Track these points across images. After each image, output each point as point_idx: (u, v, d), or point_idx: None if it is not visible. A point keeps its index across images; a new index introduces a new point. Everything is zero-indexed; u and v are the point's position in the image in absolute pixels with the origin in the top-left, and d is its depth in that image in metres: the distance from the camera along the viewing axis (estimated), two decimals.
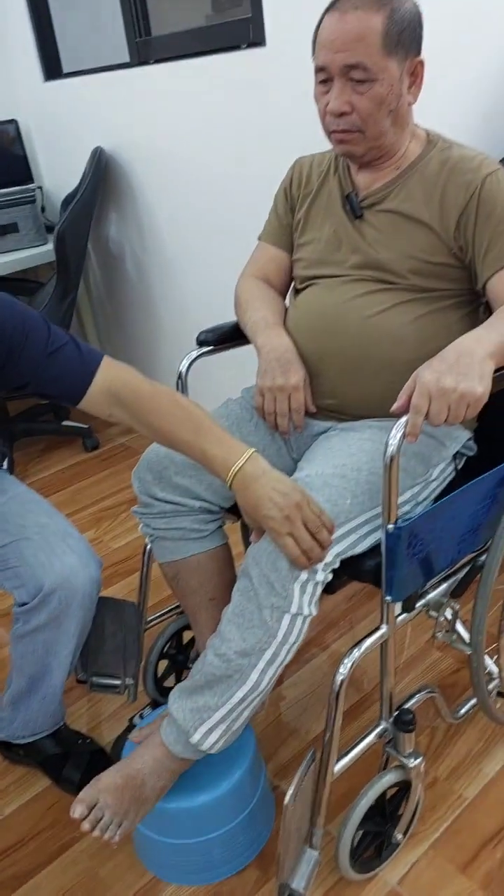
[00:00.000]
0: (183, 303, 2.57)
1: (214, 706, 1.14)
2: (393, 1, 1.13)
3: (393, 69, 1.14)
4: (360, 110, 1.16)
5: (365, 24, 1.11)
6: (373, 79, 1.13)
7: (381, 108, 1.16)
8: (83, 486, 2.58)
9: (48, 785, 1.48)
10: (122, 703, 1.66)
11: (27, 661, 1.34)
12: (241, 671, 1.12)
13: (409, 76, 1.18)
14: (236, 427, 1.35)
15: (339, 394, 1.30)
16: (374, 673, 1.65)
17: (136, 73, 2.30)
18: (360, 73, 1.13)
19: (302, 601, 1.10)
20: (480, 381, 0.99)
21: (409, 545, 1.08)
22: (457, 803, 1.36)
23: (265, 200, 1.52)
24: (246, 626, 1.10)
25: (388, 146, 1.23)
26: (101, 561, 1.34)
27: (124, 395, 1.16)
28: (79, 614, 1.31)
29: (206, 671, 1.14)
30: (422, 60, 1.18)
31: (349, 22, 1.12)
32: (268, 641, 1.10)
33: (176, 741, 1.16)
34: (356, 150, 1.22)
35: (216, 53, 2.01)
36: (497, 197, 1.19)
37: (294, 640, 1.12)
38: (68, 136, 2.72)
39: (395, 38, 1.12)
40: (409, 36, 1.14)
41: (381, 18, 1.11)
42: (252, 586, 1.10)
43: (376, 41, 1.11)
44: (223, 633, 1.13)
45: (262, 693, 1.14)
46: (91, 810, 1.13)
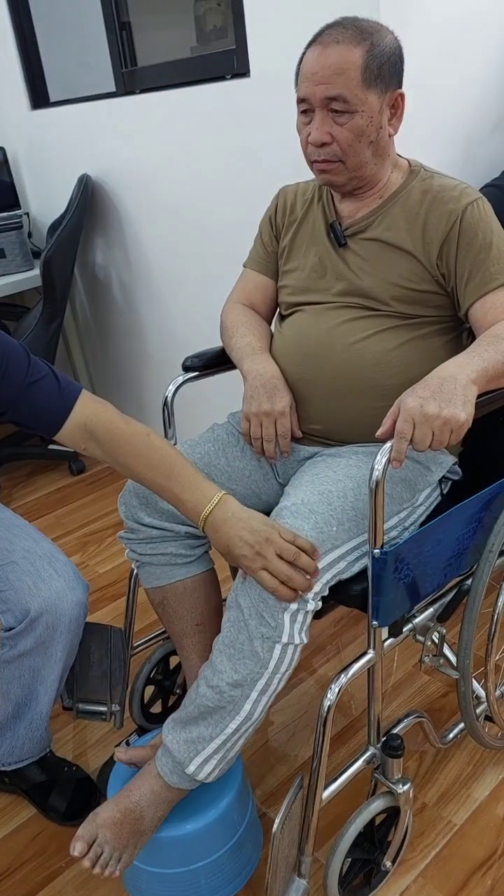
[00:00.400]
0: (169, 328, 2.58)
1: (209, 737, 1.14)
2: (373, 35, 1.16)
3: (373, 101, 1.16)
4: (340, 141, 1.19)
5: (345, 57, 1.14)
6: (352, 110, 1.16)
7: (360, 139, 1.19)
8: (69, 511, 2.57)
9: (33, 814, 1.46)
10: (108, 730, 1.64)
11: (13, 686, 1.33)
12: (234, 702, 1.11)
13: (390, 108, 1.20)
14: (222, 452, 1.36)
15: (325, 419, 1.31)
16: (361, 698, 1.65)
17: (122, 102, 2.33)
18: (340, 104, 1.16)
19: (292, 630, 1.10)
20: (464, 407, 1.00)
21: (395, 570, 1.08)
22: (446, 829, 1.36)
23: (250, 227, 1.54)
24: (237, 657, 1.10)
25: (369, 176, 1.25)
26: (87, 585, 1.33)
27: (99, 431, 1.16)
28: (66, 639, 1.30)
29: (199, 703, 1.13)
30: (402, 93, 1.21)
31: (330, 55, 1.15)
32: (260, 672, 1.10)
33: (172, 772, 1.16)
34: (337, 179, 1.25)
35: (201, 84, 2.04)
36: (478, 225, 1.21)
37: (286, 668, 1.12)
38: (55, 164, 2.75)
39: (374, 72, 1.15)
40: (389, 70, 1.17)
41: (361, 52, 1.14)
42: (242, 617, 1.10)
43: (356, 74, 1.14)
44: (215, 665, 1.12)
45: (255, 722, 1.14)
46: (91, 847, 1.12)
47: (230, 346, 1.43)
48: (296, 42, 1.24)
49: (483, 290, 1.21)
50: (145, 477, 1.15)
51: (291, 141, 1.30)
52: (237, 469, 1.35)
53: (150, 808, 1.16)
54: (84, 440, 1.18)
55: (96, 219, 2.67)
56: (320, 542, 1.11)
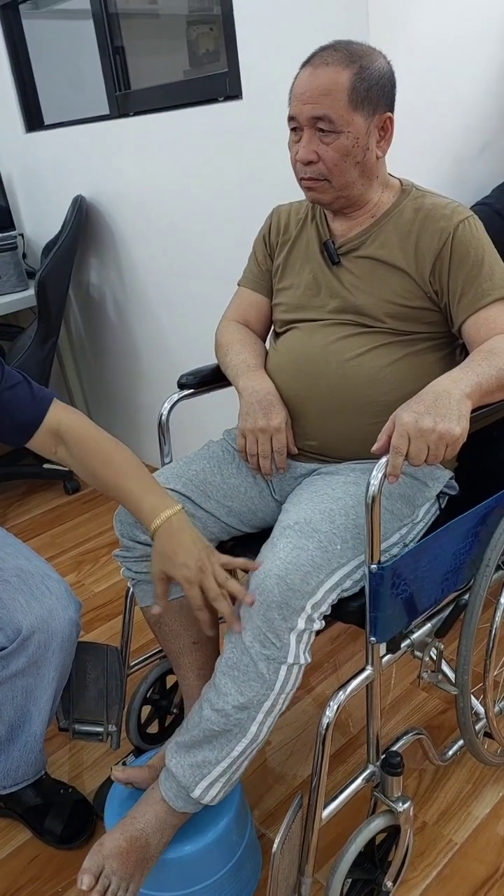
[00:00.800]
0: (164, 347, 2.59)
1: (215, 761, 1.13)
2: (363, 59, 1.17)
3: (359, 123, 1.18)
4: (325, 160, 1.21)
5: (333, 79, 1.16)
6: (338, 131, 1.18)
7: (346, 160, 1.20)
8: (64, 530, 2.56)
9: (29, 837, 1.44)
10: (104, 751, 1.63)
11: (6, 708, 1.31)
12: (240, 725, 1.11)
13: (379, 131, 1.22)
14: (218, 469, 1.36)
15: (321, 435, 1.32)
16: (359, 716, 1.64)
17: (116, 124, 2.36)
18: (326, 124, 1.18)
19: (298, 650, 1.09)
20: (458, 422, 1.00)
21: (392, 585, 1.08)
22: (447, 848, 1.34)
23: (243, 247, 1.55)
24: (242, 680, 1.09)
25: (356, 196, 1.27)
26: (80, 603, 1.33)
27: (69, 436, 1.21)
28: (58, 658, 1.29)
29: (204, 726, 1.12)
30: (391, 116, 1.22)
31: (319, 76, 1.17)
32: (266, 694, 1.09)
33: (177, 796, 1.15)
34: (323, 197, 1.26)
35: (194, 106, 2.07)
36: (470, 243, 1.23)
37: (290, 688, 1.11)
38: (49, 185, 2.77)
39: (362, 94, 1.17)
40: (377, 93, 1.19)
41: (350, 75, 1.16)
42: (244, 638, 1.09)
43: (342, 96, 1.16)
44: (219, 687, 1.12)
45: (260, 743, 1.14)
46: (98, 879, 1.10)
47: (225, 363, 1.43)
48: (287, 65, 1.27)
49: (476, 306, 1.22)
50: (110, 480, 1.19)
51: (284, 161, 1.31)
52: (233, 486, 1.35)
53: (156, 834, 1.15)
54: (55, 445, 1.23)
55: (91, 239, 2.68)
56: (326, 560, 1.11)
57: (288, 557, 1.09)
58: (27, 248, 3.03)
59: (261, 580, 1.09)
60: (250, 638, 1.09)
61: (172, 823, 1.16)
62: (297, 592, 1.08)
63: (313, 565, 1.09)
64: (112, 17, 2.32)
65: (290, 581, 1.07)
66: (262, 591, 1.08)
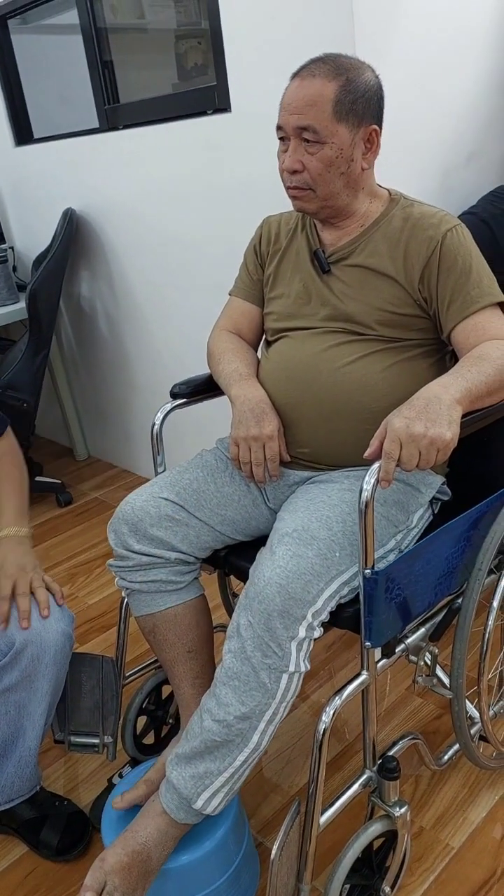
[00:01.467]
0: (155, 358, 2.60)
1: (217, 771, 1.13)
2: (350, 72, 1.19)
3: (343, 134, 1.20)
4: (310, 170, 1.22)
5: (319, 90, 1.18)
6: (322, 141, 1.20)
7: (330, 170, 1.22)
8: (57, 542, 2.56)
9: (25, 851, 1.43)
10: (99, 762, 1.62)
11: (0, 723, 1.31)
12: (242, 735, 1.11)
13: (364, 143, 1.23)
14: (211, 478, 1.37)
15: (313, 443, 1.33)
16: (354, 723, 1.64)
17: (105, 137, 2.37)
18: (310, 134, 1.20)
19: (298, 658, 1.10)
20: (449, 427, 1.02)
21: (387, 590, 1.09)
22: (444, 853, 1.34)
23: (233, 258, 1.57)
24: (243, 690, 1.10)
25: (341, 206, 1.28)
26: (73, 616, 1.33)
27: None
28: (51, 671, 1.29)
29: (205, 737, 1.12)
30: (376, 129, 1.24)
31: (305, 87, 1.19)
32: (268, 703, 1.10)
33: (178, 808, 1.15)
34: (308, 206, 1.28)
35: (183, 119, 2.09)
36: (458, 251, 1.24)
37: (291, 696, 1.12)
38: (39, 198, 2.78)
39: (347, 106, 1.19)
40: (363, 105, 1.20)
41: (335, 87, 1.18)
42: (245, 648, 1.09)
43: (327, 107, 1.18)
44: (220, 698, 1.12)
45: (262, 751, 1.14)
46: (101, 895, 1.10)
47: (217, 372, 1.44)
48: (275, 77, 1.29)
49: (464, 313, 1.23)
50: None
51: (273, 173, 1.33)
52: (226, 495, 1.36)
53: (157, 847, 1.14)
54: None
55: (81, 251, 2.69)
56: (325, 568, 1.11)
57: (288, 565, 1.09)
58: (17, 261, 3.04)
59: (261, 588, 1.09)
60: (252, 647, 1.09)
61: (174, 835, 1.16)
62: (298, 601, 1.08)
63: (313, 573, 1.10)
64: (101, 32, 2.34)
65: (292, 589, 1.08)
66: (262, 599, 1.08)
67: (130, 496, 1.34)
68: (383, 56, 1.64)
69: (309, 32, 1.67)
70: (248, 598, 1.11)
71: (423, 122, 1.78)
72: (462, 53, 1.81)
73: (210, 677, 1.33)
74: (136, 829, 1.16)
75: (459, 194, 1.91)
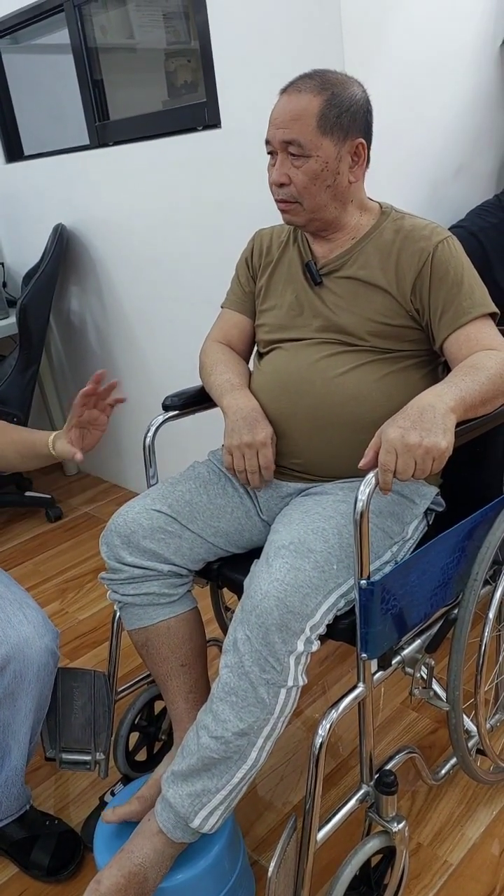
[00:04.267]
0: (144, 373, 2.60)
1: (215, 789, 1.11)
2: (336, 87, 1.21)
3: (328, 148, 1.21)
4: (296, 183, 1.24)
5: (304, 105, 1.20)
6: (307, 155, 1.21)
7: (315, 183, 1.23)
8: (47, 558, 2.53)
9: (15, 872, 1.40)
10: (90, 780, 1.59)
11: None
12: (240, 751, 1.09)
13: (351, 156, 1.24)
14: (203, 489, 1.36)
15: (306, 454, 1.32)
16: (348, 738, 1.62)
17: (95, 154, 2.38)
18: (296, 148, 1.21)
19: (297, 673, 1.09)
20: (444, 436, 1.01)
21: (382, 600, 1.08)
22: (442, 870, 1.33)
23: (222, 273, 1.57)
24: (241, 706, 1.08)
25: (330, 219, 1.29)
26: (57, 632, 1.31)
27: None
28: (35, 688, 1.27)
29: (202, 754, 1.10)
30: (363, 142, 1.25)
31: (292, 102, 1.21)
32: (266, 718, 1.08)
33: (175, 827, 1.13)
34: (297, 219, 1.29)
35: (174, 135, 2.10)
36: (449, 262, 1.25)
37: (289, 711, 1.11)
38: (29, 214, 2.79)
39: (331, 120, 1.20)
40: (349, 119, 1.21)
41: (320, 101, 1.19)
42: (242, 663, 1.08)
43: (311, 121, 1.19)
44: (217, 714, 1.10)
45: (259, 767, 1.12)
46: None
47: (209, 383, 1.44)
48: (264, 94, 1.30)
49: (456, 324, 1.24)
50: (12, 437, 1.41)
51: (262, 187, 1.34)
52: (219, 506, 1.35)
53: (154, 867, 1.12)
54: None
55: (71, 267, 2.70)
56: (323, 581, 1.10)
57: (285, 578, 1.08)
58: (7, 277, 3.03)
59: (258, 601, 1.08)
60: (250, 662, 1.07)
61: (170, 855, 1.14)
62: (296, 615, 1.07)
63: (311, 586, 1.09)
64: (91, 52, 2.36)
65: (290, 603, 1.07)
66: (260, 613, 1.07)
67: (123, 508, 1.33)
68: (372, 73, 1.65)
69: (298, 49, 1.69)
70: (244, 611, 1.10)
71: (412, 137, 1.79)
72: (449, 71, 1.84)
73: (204, 691, 1.32)
74: (131, 850, 1.13)
75: (448, 208, 1.93)
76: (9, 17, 2.50)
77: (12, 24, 2.54)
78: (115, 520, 1.31)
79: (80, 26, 2.31)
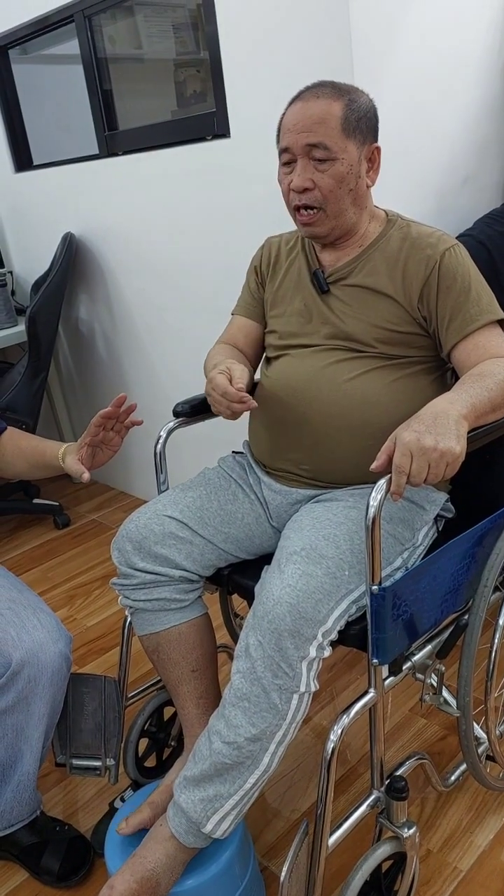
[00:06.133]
0: (153, 380, 2.61)
1: (227, 794, 1.12)
2: (350, 93, 1.23)
3: (352, 150, 1.22)
4: (321, 187, 1.24)
5: (326, 109, 1.21)
6: (333, 157, 1.22)
7: (341, 186, 1.24)
8: (55, 564, 2.54)
9: (26, 878, 1.41)
10: (100, 786, 1.59)
11: None
12: (252, 756, 1.10)
13: (367, 161, 1.26)
14: (214, 495, 1.36)
15: (315, 459, 1.33)
16: (357, 746, 1.62)
17: (105, 163, 2.40)
18: (321, 152, 1.21)
19: (308, 678, 1.09)
20: (458, 441, 1.02)
21: (393, 606, 1.09)
22: (452, 876, 1.32)
23: (231, 282, 1.58)
24: (254, 711, 1.09)
25: (349, 226, 1.30)
26: (70, 637, 1.32)
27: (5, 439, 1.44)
28: (49, 693, 1.28)
29: (214, 759, 1.11)
30: (378, 147, 1.27)
31: (312, 107, 1.22)
32: (278, 724, 1.09)
33: (187, 832, 1.13)
34: (320, 230, 1.29)
35: (183, 145, 2.12)
36: (456, 270, 1.26)
37: (301, 716, 1.11)
38: (38, 223, 2.81)
39: (353, 123, 1.21)
40: (365, 124, 1.23)
41: (341, 105, 1.21)
42: (255, 668, 1.09)
43: (336, 124, 1.20)
44: (229, 719, 1.10)
45: (272, 772, 1.13)
46: None
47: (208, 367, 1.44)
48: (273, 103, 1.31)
49: (464, 331, 1.24)
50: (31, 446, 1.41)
51: (271, 197, 1.35)
52: (229, 512, 1.36)
53: (166, 873, 1.13)
54: None
55: (80, 275, 2.71)
56: (335, 587, 1.11)
57: (298, 584, 1.09)
58: (16, 285, 3.05)
59: (271, 607, 1.08)
60: (262, 667, 1.08)
61: (182, 860, 1.14)
62: (308, 621, 1.07)
63: (323, 592, 1.09)
64: (101, 62, 2.38)
65: (303, 609, 1.07)
66: (273, 618, 1.08)
67: (134, 514, 1.33)
68: (380, 82, 1.67)
69: (308, 59, 1.70)
70: (256, 617, 1.10)
71: (420, 146, 1.81)
72: (457, 80, 1.85)
73: (215, 697, 1.33)
74: (143, 855, 1.14)
75: (455, 217, 1.94)
76: (19, 28, 2.53)
77: (22, 35, 2.56)
78: (127, 525, 1.32)
79: (90, 37, 2.33)
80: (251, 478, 1.42)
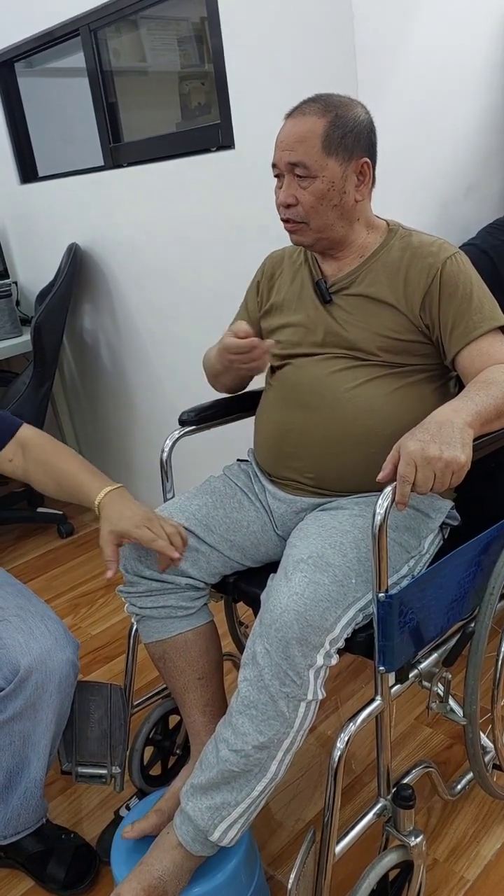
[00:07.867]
0: (157, 390, 2.62)
1: (234, 802, 1.12)
2: (339, 108, 1.24)
3: (333, 168, 1.23)
4: (303, 203, 1.26)
5: (309, 127, 1.23)
6: (313, 175, 1.23)
7: (322, 203, 1.25)
8: (59, 573, 2.54)
9: (31, 886, 1.40)
10: (105, 794, 1.59)
11: (4, 754, 1.29)
12: (260, 764, 1.10)
13: (357, 175, 1.27)
14: (220, 504, 1.37)
15: (318, 468, 1.33)
16: (361, 755, 1.62)
17: (110, 175, 2.42)
18: (301, 170, 1.24)
19: (315, 686, 1.10)
20: (463, 449, 1.02)
21: (400, 614, 1.09)
22: (459, 886, 1.32)
23: (235, 293, 1.59)
24: (261, 719, 1.09)
25: (338, 238, 1.31)
26: (78, 643, 1.32)
27: (31, 444, 1.37)
28: (56, 700, 1.28)
29: (222, 767, 1.11)
30: (367, 161, 1.27)
31: (297, 125, 1.24)
32: (286, 732, 1.09)
33: (194, 840, 1.13)
34: (304, 239, 1.31)
35: (187, 156, 2.13)
36: (458, 277, 1.27)
37: (308, 724, 1.11)
38: (43, 234, 2.82)
39: (336, 141, 1.22)
40: (353, 139, 1.24)
41: (324, 123, 1.22)
42: (262, 676, 1.09)
43: (317, 142, 1.22)
44: (236, 727, 1.10)
45: (279, 780, 1.13)
46: None
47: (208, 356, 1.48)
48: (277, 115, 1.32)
49: (467, 338, 1.25)
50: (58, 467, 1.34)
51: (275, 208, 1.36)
52: (235, 521, 1.36)
53: (173, 881, 1.13)
54: (13, 454, 1.37)
55: (85, 286, 2.73)
56: (342, 595, 1.11)
57: (305, 592, 1.09)
58: (21, 296, 3.07)
59: (278, 615, 1.08)
60: (269, 675, 1.08)
61: (189, 868, 1.14)
62: (316, 629, 1.08)
63: (330, 600, 1.10)
64: (106, 75, 2.41)
65: (310, 617, 1.07)
66: (280, 626, 1.08)
67: None
68: (384, 93, 1.69)
69: (312, 71, 1.72)
70: (263, 625, 1.11)
71: (423, 156, 1.82)
72: (460, 91, 1.87)
73: (221, 705, 1.33)
74: (150, 863, 1.14)
75: (458, 227, 1.95)
76: (25, 42, 2.55)
77: (28, 49, 2.59)
78: None
79: (95, 50, 2.36)
80: (256, 486, 1.43)
